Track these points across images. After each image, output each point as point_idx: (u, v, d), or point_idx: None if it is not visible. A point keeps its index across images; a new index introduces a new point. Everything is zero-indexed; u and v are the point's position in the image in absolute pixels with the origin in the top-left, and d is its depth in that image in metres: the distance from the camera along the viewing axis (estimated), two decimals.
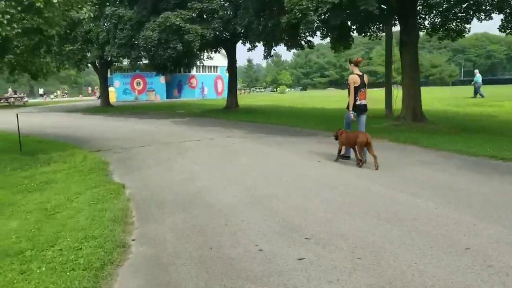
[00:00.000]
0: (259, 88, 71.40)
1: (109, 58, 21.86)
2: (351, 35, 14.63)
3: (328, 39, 14.79)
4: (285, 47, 22.04)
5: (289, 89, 77.22)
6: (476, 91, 25.39)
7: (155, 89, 36.73)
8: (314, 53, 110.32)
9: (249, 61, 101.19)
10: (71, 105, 33.17)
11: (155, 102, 33.31)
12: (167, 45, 16.34)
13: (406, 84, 12.42)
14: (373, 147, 6.88)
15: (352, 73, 7.41)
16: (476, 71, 26.81)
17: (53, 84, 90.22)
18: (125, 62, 30.24)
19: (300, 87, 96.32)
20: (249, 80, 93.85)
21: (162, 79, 36.81)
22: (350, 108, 7.34)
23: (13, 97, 34.99)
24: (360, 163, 7.01)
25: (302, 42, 18.79)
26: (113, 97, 36.42)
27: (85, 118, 19.88)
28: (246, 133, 12.24)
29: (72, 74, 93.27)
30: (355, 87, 7.24)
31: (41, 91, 51.85)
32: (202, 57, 26.47)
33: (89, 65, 26.83)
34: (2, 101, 34.10)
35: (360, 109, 7.40)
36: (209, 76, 39.28)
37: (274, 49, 22.44)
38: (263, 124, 14.59)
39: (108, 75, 37.96)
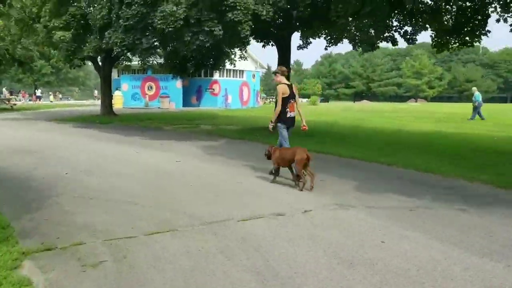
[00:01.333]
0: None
1: (112, 51, 16.11)
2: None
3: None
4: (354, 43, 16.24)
5: (306, 99, 70.91)
6: (476, 111, 22.16)
7: (169, 95, 30.98)
8: (339, 62, 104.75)
9: (268, 68, 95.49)
10: (66, 111, 27.46)
11: (169, 111, 27.48)
12: (199, 28, 10.42)
13: None
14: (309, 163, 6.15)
15: (280, 83, 6.87)
16: (474, 88, 23.47)
17: (62, 85, 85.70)
18: (134, 60, 24.60)
19: (321, 98, 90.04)
20: (267, 89, 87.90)
21: (178, 84, 31.06)
22: (273, 120, 6.90)
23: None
24: (302, 184, 6.19)
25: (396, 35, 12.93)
26: (119, 103, 30.92)
27: (69, 134, 14.03)
28: (378, 198, 6.20)
29: (81, 75, 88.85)
30: (284, 98, 6.78)
31: (38, 92, 46.51)
32: (233, 54, 20.68)
33: (87, 61, 21.14)
34: None
35: (289, 122, 6.94)
36: (234, 82, 33.42)
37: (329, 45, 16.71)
38: (382, 166, 8.56)
39: (116, 76, 32.41)
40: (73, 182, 6.70)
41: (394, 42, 14.05)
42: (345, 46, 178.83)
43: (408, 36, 14.16)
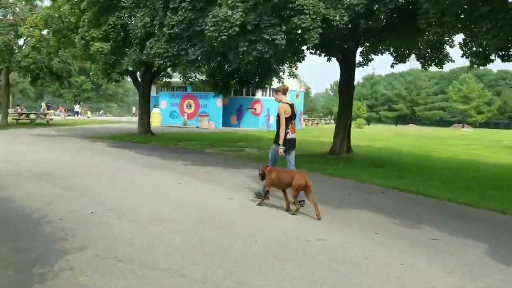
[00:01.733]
0: (324, 119, 62.90)
1: (153, 65, 14.79)
2: None
3: None
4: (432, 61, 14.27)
5: (332, 121, 68.14)
6: None
7: (209, 113, 29.60)
8: (381, 84, 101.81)
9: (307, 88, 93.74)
10: (103, 128, 26.50)
11: (208, 131, 26.01)
12: (258, 36, 8.73)
13: None
14: (311, 190, 5.75)
15: (281, 102, 6.55)
16: None
17: (100, 101, 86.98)
18: (175, 77, 23.39)
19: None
20: (305, 109, 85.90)
21: (218, 102, 29.68)
22: (281, 142, 6.39)
23: (35, 113, 28.91)
24: (294, 209, 5.84)
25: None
26: (157, 121, 29.86)
27: (102, 155, 12.59)
28: None
29: (120, 91, 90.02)
30: (286, 119, 6.40)
31: (76, 107, 46.45)
32: (281, 71, 19.07)
33: (126, 77, 19.98)
34: (22, 117, 28.04)
35: (291, 144, 6.56)
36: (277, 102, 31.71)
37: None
38: (499, 215, 6.51)
39: (154, 93, 31.48)
40: (98, 227, 5.03)
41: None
42: (384, 68, 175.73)
43: None
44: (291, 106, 6.61)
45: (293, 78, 19.31)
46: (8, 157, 11.29)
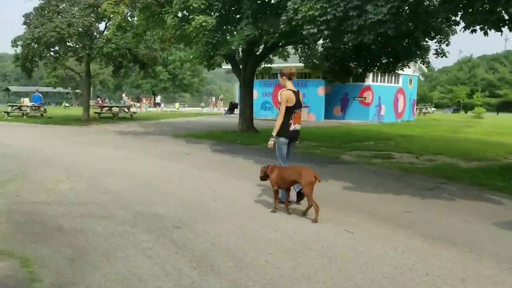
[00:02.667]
0: (427, 107, 56.27)
1: (265, 47, 11.15)
2: None
3: None
4: None
5: (433, 109, 60.67)
6: None
7: (308, 104, 25.70)
8: (481, 67, 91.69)
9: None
10: (190, 122, 23.65)
11: (310, 125, 22.13)
12: None
13: None
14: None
15: (285, 89, 5.91)
16: None
17: (176, 91, 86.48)
18: (276, 62, 19.72)
19: (453, 109, 78.58)
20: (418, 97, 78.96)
21: (320, 90, 25.69)
22: (275, 133, 5.92)
23: (118, 107, 26.80)
24: (316, 212, 5.26)
25: None
26: None
27: (208, 169, 9.25)
28: None
29: (195, 81, 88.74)
30: (288, 107, 5.87)
31: (158, 99, 44.67)
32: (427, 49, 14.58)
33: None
34: (104, 110, 26.03)
35: (294, 136, 6.08)
36: (388, 89, 27.04)
37: None
38: None
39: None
40: None
41: None
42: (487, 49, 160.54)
43: None
44: (297, 93, 6.00)
45: (441, 57, 14.71)
46: (93, 168, 8.25)
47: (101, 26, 21.70)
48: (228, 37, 12.05)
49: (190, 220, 5.30)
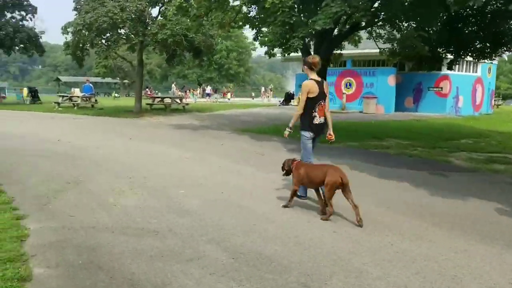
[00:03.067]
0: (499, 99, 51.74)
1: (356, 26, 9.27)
2: None
3: None
4: None
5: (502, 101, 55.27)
6: None
7: (377, 95, 23.49)
8: None
9: None
10: (246, 114, 22.02)
11: (380, 117, 19.99)
12: None
13: None
14: (350, 189, 4.82)
15: (308, 78, 5.55)
16: None
17: (221, 81, 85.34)
18: (347, 47, 17.64)
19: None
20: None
21: (390, 80, 23.36)
22: (291, 124, 5.60)
23: (170, 98, 25.56)
24: (329, 214, 4.90)
25: None
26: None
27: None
28: None
29: (241, 71, 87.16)
30: (310, 99, 5.44)
31: (208, 89, 43.41)
32: None
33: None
34: (156, 101, 24.90)
35: (317, 130, 5.58)
36: (466, 78, 24.26)
37: None
38: None
39: (300, 70, 26.40)
40: None
41: None
42: None
43: None
44: (320, 83, 5.51)
45: None
46: (157, 175, 6.71)
47: (154, 12, 20.43)
48: (302, 19, 10.16)
49: (322, 274, 3.57)
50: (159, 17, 19.87)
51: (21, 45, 26.52)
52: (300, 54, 25.77)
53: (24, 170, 7.48)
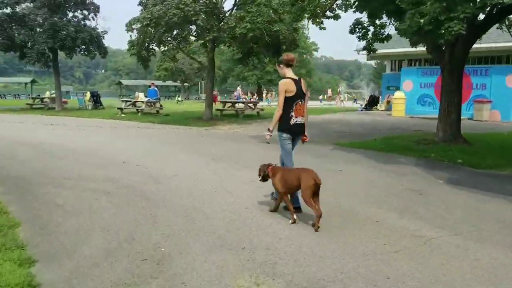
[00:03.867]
0: None
1: None
2: None
3: None
4: None
5: None
6: None
7: (491, 98, 19.52)
8: None
9: None
10: (327, 122, 18.83)
11: (500, 127, 16.13)
12: None
13: None
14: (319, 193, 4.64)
15: (284, 77, 5.27)
16: None
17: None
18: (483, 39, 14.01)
19: None
20: None
21: (510, 80, 19.31)
22: (271, 127, 5.25)
23: (243, 103, 22.78)
24: (317, 220, 4.63)
25: None
26: (399, 109, 21.54)
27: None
28: None
29: (302, 73, 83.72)
30: (288, 98, 5.14)
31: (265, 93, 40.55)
32: None
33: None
34: (226, 107, 22.29)
35: (295, 131, 5.28)
36: None
37: None
38: None
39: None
40: None
41: None
42: None
43: None
44: (297, 82, 5.23)
45: None
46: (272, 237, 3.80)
47: (226, 6, 17.78)
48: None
49: None
50: (234, 10, 17.21)
51: (83, 46, 24.88)
52: (387, 50, 22.24)
53: (73, 225, 4.79)
